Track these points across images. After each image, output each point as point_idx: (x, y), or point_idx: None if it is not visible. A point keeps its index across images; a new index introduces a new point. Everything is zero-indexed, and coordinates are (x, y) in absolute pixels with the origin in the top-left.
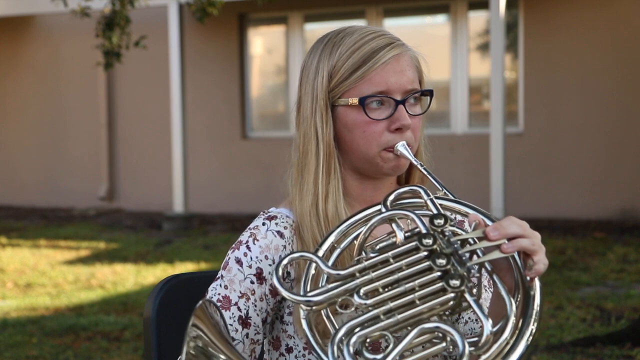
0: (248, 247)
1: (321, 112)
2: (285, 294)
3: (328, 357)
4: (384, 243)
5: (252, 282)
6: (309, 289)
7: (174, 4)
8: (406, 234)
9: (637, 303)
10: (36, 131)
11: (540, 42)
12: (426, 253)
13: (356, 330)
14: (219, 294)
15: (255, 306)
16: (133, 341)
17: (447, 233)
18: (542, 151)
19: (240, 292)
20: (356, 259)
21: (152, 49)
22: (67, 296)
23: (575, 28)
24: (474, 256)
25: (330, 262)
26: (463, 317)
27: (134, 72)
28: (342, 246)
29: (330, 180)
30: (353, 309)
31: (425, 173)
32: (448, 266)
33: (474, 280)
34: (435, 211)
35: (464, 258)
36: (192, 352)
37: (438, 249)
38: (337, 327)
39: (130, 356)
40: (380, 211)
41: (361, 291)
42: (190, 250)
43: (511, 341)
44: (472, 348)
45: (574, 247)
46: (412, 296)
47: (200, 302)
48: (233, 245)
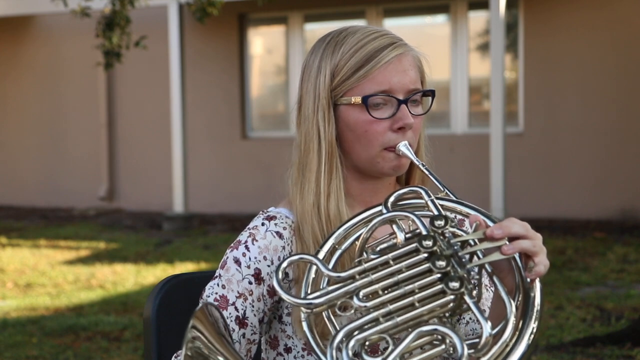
0: (247, 248)
1: (323, 111)
2: (285, 297)
3: None
4: (385, 244)
5: (250, 283)
6: (310, 291)
7: (174, 4)
8: (407, 235)
9: (637, 303)
10: (36, 131)
11: (540, 42)
12: (426, 255)
13: (355, 332)
14: (216, 294)
15: (252, 306)
16: (133, 341)
17: (448, 234)
18: (542, 151)
19: (237, 292)
20: (357, 261)
21: (152, 49)
22: (67, 296)
23: (575, 28)
24: (474, 258)
25: (331, 264)
26: (464, 318)
27: (134, 72)
28: (343, 248)
29: (332, 179)
30: (351, 312)
31: (427, 173)
32: (448, 268)
33: (475, 282)
34: (435, 212)
35: (464, 260)
36: (189, 354)
37: (438, 251)
38: (337, 329)
39: (130, 356)
40: (381, 212)
41: (361, 293)
42: (190, 250)
43: (511, 343)
44: (472, 350)
45: (574, 247)
46: (412, 298)
47: (200, 305)
48: (232, 244)
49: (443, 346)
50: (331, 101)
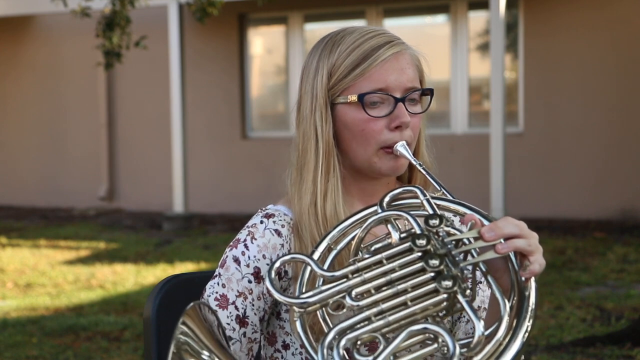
0: (246, 246)
1: (321, 111)
2: (277, 296)
3: (318, 358)
4: (379, 244)
5: (250, 282)
6: (305, 290)
7: (174, 4)
8: (401, 235)
9: (637, 303)
10: (36, 131)
11: (540, 42)
12: (420, 254)
13: (347, 332)
14: (217, 293)
15: (252, 305)
16: (133, 341)
17: (442, 233)
18: (542, 151)
19: (237, 291)
20: (351, 260)
21: (152, 49)
22: (67, 296)
23: (575, 28)
24: (469, 257)
25: (327, 264)
26: (464, 316)
27: (134, 72)
28: (339, 247)
29: (329, 179)
30: (345, 310)
31: (423, 173)
32: (441, 267)
33: (469, 281)
34: (431, 211)
35: (458, 258)
36: (174, 350)
37: (432, 250)
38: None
39: (130, 356)
40: (376, 212)
41: (353, 292)
42: (190, 250)
43: (504, 342)
44: (465, 349)
45: (574, 247)
46: (404, 297)
47: (192, 304)
48: (231, 243)
49: (435, 345)
50: (328, 100)
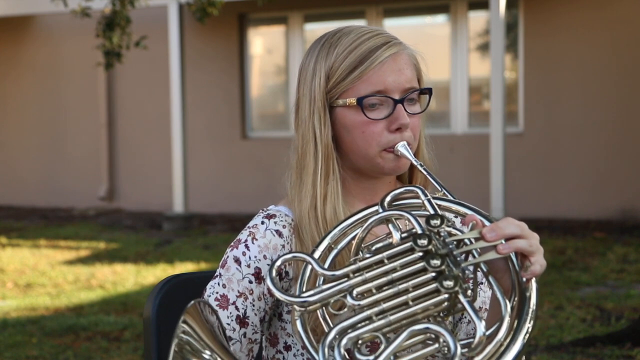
0: (247, 247)
1: (319, 114)
2: (278, 295)
3: (319, 358)
4: (380, 244)
5: (251, 282)
6: (305, 289)
7: (174, 4)
8: (402, 235)
9: (637, 303)
10: (36, 131)
11: (540, 42)
12: (421, 254)
13: (348, 331)
14: (217, 293)
15: (253, 306)
16: (133, 341)
17: (443, 233)
18: (542, 151)
19: (238, 292)
20: (352, 260)
21: (152, 49)
22: (67, 296)
23: (575, 28)
24: (470, 257)
25: (327, 263)
26: (466, 317)
27: (134, 72)
28: (340, 247)
29: (328, 181)
30: (346, 310)
31: (424, 173)
32: (442, 267)
33: (471, 281)
34: (432, 211)
35: (459, 259)
36: (176, 349)
37: (433, 250)
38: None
39: (130, 356)
40: (377, 212)
41: (354, 292)
42: (190, 250)
43: (505, 342)
44: (466, 350)
45: (574, 247)
46: (406, 297)
47: (192, 302)
48: (232, 243)
49: (436, 345)
50: (327, 103)
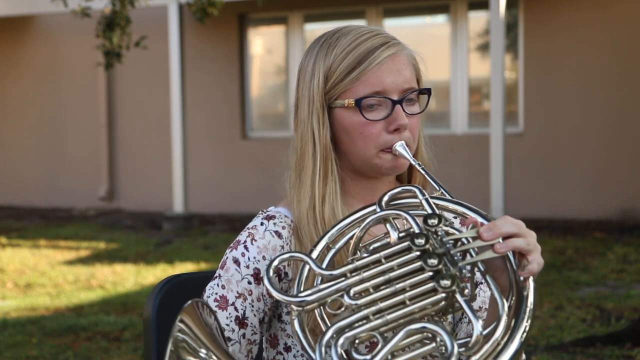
0: (246, 247)
1: (318, 114)
2: (275, 294)
3: (316, 358)
4: (378, 243)
5: (250, 283)
6: (303, 289)
7: (174, 4)
8: (400, 234)
9: (637, 303)
10: (36, 131)
11: (540, 42)
12: (418, 253)
13: (345, 330)
14: (216, 294)
15: (252, 306)
16: (133, 341)
17: (440, 233)
18: (542, 151)
19: (237, 293)
20: (350, 259)
21: (152, 49)
22: (67, 296)
23: (575, 28)
24: (468, 256)
25: (325, 263)
26: (466, 317)
27: (134, 72)
28: (338, 247)
29: (327, 182)
30: (344, 310)
31: (423, 173)
32: (440, 266)
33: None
34: (429, 211)
35: (456, 258)
36: (172, 348)
37: (430, 249)
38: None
39: (130, 356)
40: (374, 211)
41: (352, 291)
42: (190, 250)
43: (502, 341)
44: (463, 349)
45: (574, 247)
46: (403, 296)
47: (189, 302)
48: (231, 244)
49: (433, 344)
50: (325, 104)
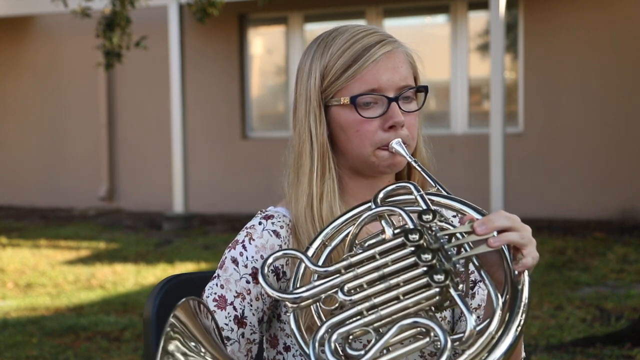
0: (244, 247)
1: (314, 113)
2: (269, 291)
3: (309, 353)
4: (373, 240)
5: (248, 282)
6: (299, 286)
7: (174, 4)
8: (395, 230)
9: (637, 303)
10: (36, 131)
11: (540, 42)
12: (412, 249)
13: (339, 326)
14: (215, 294)
15: (251, 306)
16: (133, 341)
17: (435, 228)
18: (542, 151)
19: (236, 292)
20: (345, 256)
21: (152, 49)
22: (67, 296)
23: (575, 28)
24: (462, 251)
25: (321, 260)
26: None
27: (134, 72)
28: (334, 244)
29: (325, 180)
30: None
31: (418, 169)
32: (433, 261)
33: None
34: (424, 207)
35: (450, 253)
36: (164, 345)
37: (424, 244)
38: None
39: (130, 356)
40: (370, 208)
41: (345, 287)
42: (190, 250)
43: (497, 335)
44: (457, 343)
45: (574, 247)
46: (397, 292)
47: (183, 299)
48: (230, 244)
49: (427, 339)
50: (322, 103)
